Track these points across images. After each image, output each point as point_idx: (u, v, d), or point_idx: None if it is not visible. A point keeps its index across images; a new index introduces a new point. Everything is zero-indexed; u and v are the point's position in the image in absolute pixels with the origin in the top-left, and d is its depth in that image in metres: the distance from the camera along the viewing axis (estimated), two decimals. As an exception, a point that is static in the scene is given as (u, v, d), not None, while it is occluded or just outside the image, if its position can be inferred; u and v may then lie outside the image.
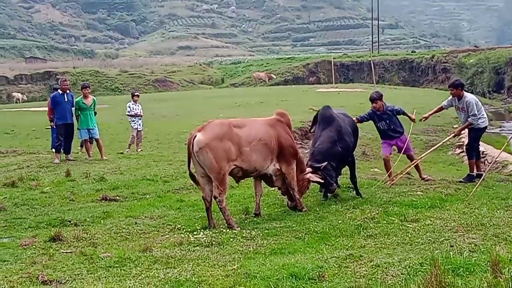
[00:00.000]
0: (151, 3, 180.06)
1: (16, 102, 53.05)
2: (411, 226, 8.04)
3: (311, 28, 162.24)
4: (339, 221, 8.50)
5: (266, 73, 64.59)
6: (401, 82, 60.35)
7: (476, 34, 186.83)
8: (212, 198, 8.71)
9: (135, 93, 19.92)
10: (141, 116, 19.14)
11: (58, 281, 6.24)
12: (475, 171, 12.16)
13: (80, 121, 16.49)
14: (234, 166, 8.81)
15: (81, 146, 18.42)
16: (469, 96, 11.97)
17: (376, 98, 11.96)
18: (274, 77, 63.50)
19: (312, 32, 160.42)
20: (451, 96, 12.12)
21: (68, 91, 16.39)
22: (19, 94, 56.35)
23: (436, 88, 52.29)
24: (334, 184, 10.21)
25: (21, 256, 7.35)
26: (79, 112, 16.50)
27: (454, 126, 26.75)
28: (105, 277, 6.31)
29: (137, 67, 72.50)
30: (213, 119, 9.38)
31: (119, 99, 39.43)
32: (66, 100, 16.10)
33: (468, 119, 11.86)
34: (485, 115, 12.10)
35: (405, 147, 12.03)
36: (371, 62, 55.18)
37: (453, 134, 13.42)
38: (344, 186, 11.41)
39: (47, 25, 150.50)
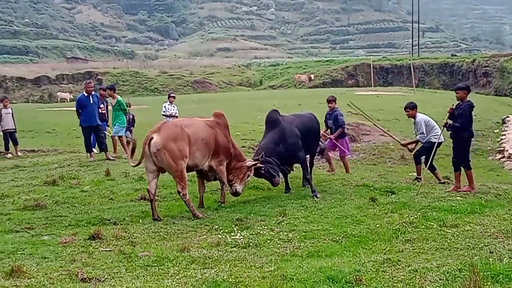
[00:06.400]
0: (191, 5, 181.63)
1: (63, 101, 52.95)
2: (450, 231, 7.95)
3: (350, 31, 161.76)
4: (377, 225, 8.44)
5: (307, 74, 64.60)
6: (441, 86, 59.65)
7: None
8: (156, 191, 9.76)
9: (171, 94, 20.39)
10: (177, 117, 19.39)
11: (97, 279, 6.29)
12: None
13: (123, 120, 17.03)
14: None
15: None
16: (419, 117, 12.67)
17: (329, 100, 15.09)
18: (313, 77, 63.54)
19: (352, 35, 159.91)
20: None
21: (93, 93, 16.57)
22: (64, 93, 56.29)
23: (477, 93, 51.43)
24: (277, 177, 11.01)
25: (61, 253, 7.42)
26: (121, 111, 16.98)
27: (495, 131, 26.40)
28: (143, 276, 6.37)
29: (177, 68, 73.17)
30: (166, 121, 10.33)
31: (159, 100, 39.68)
32: (91, 102, 16.25)
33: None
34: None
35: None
36: (411, 65, 54.67)
37: (402, 142, 13.79)
38: (383, 190, 11.34)
39: (89, 25, 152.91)
